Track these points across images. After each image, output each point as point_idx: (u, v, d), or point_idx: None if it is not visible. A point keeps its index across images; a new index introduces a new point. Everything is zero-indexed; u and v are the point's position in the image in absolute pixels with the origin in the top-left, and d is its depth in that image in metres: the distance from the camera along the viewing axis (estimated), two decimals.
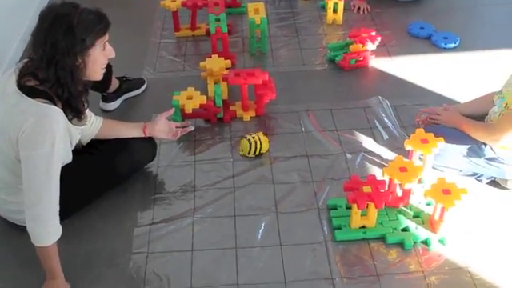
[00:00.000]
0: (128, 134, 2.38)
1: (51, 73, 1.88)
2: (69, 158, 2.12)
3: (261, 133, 2.63)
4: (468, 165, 2.39)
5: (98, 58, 2.00)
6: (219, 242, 2.21)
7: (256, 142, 2.56)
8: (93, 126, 2.28)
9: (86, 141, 2.28)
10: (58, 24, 1.85)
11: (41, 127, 1.87)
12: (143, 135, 2.40)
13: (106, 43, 2.01)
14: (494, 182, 2.42)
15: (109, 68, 2.66)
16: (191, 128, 2.58)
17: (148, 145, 2.45)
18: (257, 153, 2.58)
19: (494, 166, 2.35)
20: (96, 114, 2.36)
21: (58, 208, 1.93)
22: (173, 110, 2.55)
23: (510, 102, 2.23)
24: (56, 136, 1.89)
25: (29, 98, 1.89)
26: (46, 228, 1.91)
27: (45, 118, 1.88)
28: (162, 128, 2.46)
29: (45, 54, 1.86)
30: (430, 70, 3.17)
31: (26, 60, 1.99)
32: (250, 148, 2.56)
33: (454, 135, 2.40)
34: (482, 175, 2.42)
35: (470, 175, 2.44)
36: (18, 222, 2.14)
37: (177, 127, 2.51)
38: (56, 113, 1.92)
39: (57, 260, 1.96)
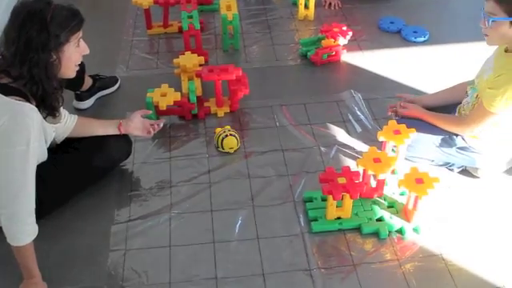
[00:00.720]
0: (103, 132, 2.37)
1: (25, 70, 1.86)
2: (44, 157, 2.11)
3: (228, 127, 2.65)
4: (440, 155, 2.43)
5: (73, 55, 1.99)
6: (197, 237, 2.21)
7: (228, 136, 2.59)
8: (67, 124, 2.27)
9: (60, 139, 2.27)
10: (31, 20, 1.84)
11: (15, 125, 1.86)
12: (118, 132, 2.39)
13: (80, 40, 2.01)
14: (465, 171, 2.47)
15: (82, 66, 2.64)
16: (163, 122, 2.56)
17: (123, 142, 2.45)
18: (225, 149, 2.61)
19: (466, 155, 2.40)
20: (69, 113, 2.35)
21: (34, 206, 1.92)
22: (150, 112, 2.54)
23: (481, 94, 2.28)
24: (31, 134, 1.88)
25: (2, 96, 1.87)
26: (23, 227, 1.89)
27: (19, 115, 1.87)
28: (138, 125, 2.46)
29: (18, 51, 1.85)
30: (400, 63, 3.22)
31: None
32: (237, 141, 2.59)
33: (427, 125, 2.44)
34: (453, 164, 2.47)
35: (441, 165, 2.48)
36: None
37: (151, 124, 2.51)
38: (30, 110, 1.90)
39: (33, 259, 1.95)
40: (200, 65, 2.89)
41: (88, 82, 2.87)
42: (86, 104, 2.89)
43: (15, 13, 1.87)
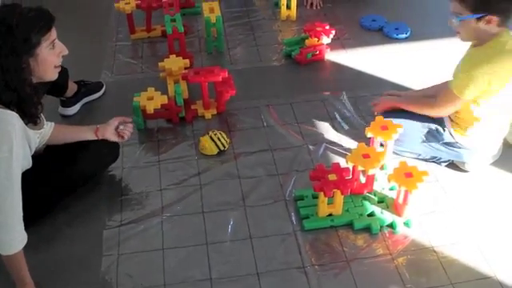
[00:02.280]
0: (80, 138, 2.35)
1: None
2: (28, 164, 2.09)
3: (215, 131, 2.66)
4: (427, 149, 2.46)
5: (48, 57, 1.97)
6: (189, 239, 2.21)
7: (219, 139, 2.59)
8: (44, 131, 2.24)
9: (39, 147, 2.23)
10: None
11: None
12: (95, 138, 2.37)
13: (56, 41, 1.98)
14: (452, 165, 2.50)
15: (65, 72, 2.63)
16: (129, 120, 2.50)
17: (111, 145, 2.43)
18: (222, 148, 2.60)
19: (452, 150, 2.43)
20: (55, 120, 2.33)
21: (21, 214, 1.90)
22: (129, 119, 2.50)
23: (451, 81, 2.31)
24: (13, 140, 1.86)
25: None
26: (11, 235, 1.87)
27: (0, 123, 1.85)
28: (114, 131, 2.43)
29: None
30: (383, 60, 3.25)
31: None
32: (216, 144, 2.58)
33: (414, 119, 2.47)
34: (440, 158, 2.49)
35: (428, 159, 2.51)
36: None
37: (120, 129, 2.45)
38: (12, 117, 1.88)
39: (25, 267, 1.93)
40: (185, 68, 2.89)
41: (73, 88, 2.86)
42: (72, 110, 2.88)
43: None
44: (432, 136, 2.44)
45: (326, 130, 2.74)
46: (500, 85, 2.19)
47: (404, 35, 3.43)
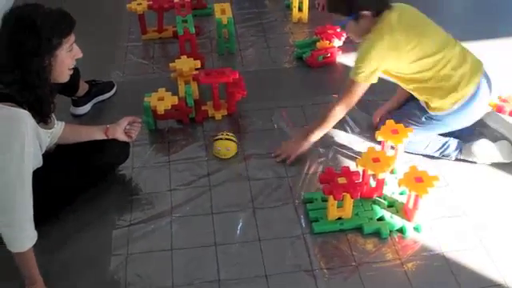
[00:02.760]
0: (90, 137, 2.37)
1: (18, 75, 1.86)
2: (39, 163, 2.10)
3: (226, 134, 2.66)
4: (421, 131, 2.48)
5: (65, 59, 1.98)
6: (198, 240, 2.21)
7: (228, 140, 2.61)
8: (55, 130, 2.26)
9: (49, 146, 2.24)
10: (21, 25, 1.84)
11: (9, 130, 1.84)
12: (105, 137, 2.38)
13: (73, 44, 2.00)
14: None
15: (76, 71, 2.64)
16: (138, 120, 2.52)
17: (120, 144, 2.44)
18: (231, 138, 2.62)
19: (435, 122, 2.46)
20: (66, 119, 2.34)
21: (32, 212, 1.91)
22: (139, 120, 2.51)
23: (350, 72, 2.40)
24: (25, 139, 1.87)
25: None
26: (22, 233, 1.88)
27: (12, 121, 1.86)
28: (124, 131, 2.45)
29: (11, 57, 1.84)
30: None
31: None
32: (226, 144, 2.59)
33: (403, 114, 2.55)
34: (447, 147, 2.49)
35: (436, 150, 2.51)
36: None
37: (128, 129, 2.46)
38: (24, 116, 1.89)
39: (34, 265, 1.94)
40: (196, 68, 2.89)
41: (84, 88, 2.87)
42: (83, 110, 2.89)
43: (5, 20, 1.86)
44: (415, 115, 2.49)
45: (337, 132, 2.73)
46: (396, 51, 2.30)
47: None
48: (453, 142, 2.51)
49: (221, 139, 2.60)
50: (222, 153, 2.59)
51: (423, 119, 2.48)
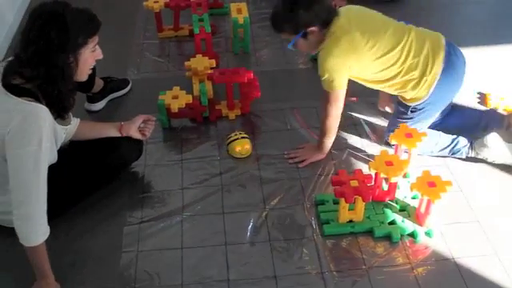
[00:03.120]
0: (104, 134, 2.38)
1: (42, 70, 1.87)
2: (54, 158, 2.12)
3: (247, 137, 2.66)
4: (413, 125, 2.46)
5: (88, 59, 2.01)
6: (209, 239, 2.22)
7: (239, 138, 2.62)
8: (71, 126, 2.27)
9: (64, 142, 2.26)
10: (51, 21, 1.85)
11: (28, 125, 1.86)
12: (119, 135, 2.39)
13: (97, 45, 2.03)
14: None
15: (92, 68, 2.65)
16: (153, 118, 2.52)
17: (134, 142, 2.45)
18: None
19: (420, 113, 2.46)
20: (81, 115, 2.36)
21: (45, 207, 1.92)
22: (153, 118, 2.52)
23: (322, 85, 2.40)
24: (43, 134, 1.89)
25: (14, 97, 1.88)
26: (35, 227, 1.90)
27: (31, 115, 1.88)
28: (138, 128, 2.46)
29: (38, 52, 1.85)
30: None
31: (10, 59, 1.98)
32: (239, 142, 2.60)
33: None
34: (457, 143, 2.49)
35: (446, 147, 2.50)
36: (6, 223, 2.12)
37: (142, 128, 2.47)
38: (42, 111, 1.91)
39: (46, 259, 1.95)
40: (211, 68, 2.90)
41: (99, 84, 2.89)
42: (98, 106, 2.90)
43: (35, 14, 1.88)
44: (402, 113, 2.51)
45: (350, 135, 2.72)
46: (358, 54, 2.31)
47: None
48: (462, 139, 2.51)
49: (237, 139, 2.60)
50: (244, 152, 2.59)
51: (409, 113, 2.48)
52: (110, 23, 3.58)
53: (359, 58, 2.32)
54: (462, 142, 2.51)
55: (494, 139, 2.44)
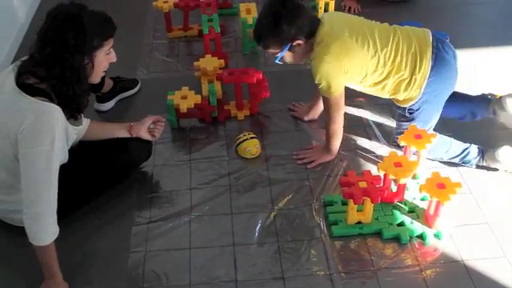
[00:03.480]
0: (114, 135, 2.39)
1: (57, 71, 1.89)
2: (65, 158, 2.13)
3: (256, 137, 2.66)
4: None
5: (102, 61, 2.03)
6: (217, 240, 2.22)
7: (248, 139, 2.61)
8: (82, 126, 2.28)
9: (74, 142, 2.26)
10: (69, 23, 1.88)
11: (41, 125, 1.88)
12: (129, 135, 2.40)
13: (111, 48, 2.05)
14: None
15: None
16: (162, 119, 2.53)
17: (143, 143, 2.46)
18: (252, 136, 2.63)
19: (422, 109, 2.43)
20: (90, 115, 2.36)
21: (56, 207, 1.94)
22: (163, 119, 2.53)
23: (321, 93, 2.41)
24: (56, 134, 1.90)
25: (28, 96, 1.90)
26: (45, 227, 1.91)
27: (45, 115, 1.89)
28: (147, 129, 2.46)
29: (54, 52, 1.87)
30: None
31: (24, 58, 2.00)
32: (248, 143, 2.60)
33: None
34: (468, 153, 2.46)
35: (456, 156, 2.48)
36: (16, 222, 2.13)
37: (152, 128, 2.48)
38: (56, 110, 1.93)
39: (55, 259, 1.96)
40: (220, 68, 2.90)
41: (109, 84, 2.89)
42: (107, 106, 2.91)
43: (52, 15, 1.90)
44: (401, 115, 2.51)
45: (359, 136, 2.71)
46: (351, 57, 2.31)
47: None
48: (473, 149, 2.47)
49: (246, 139, 2.60)
50: (253, 151, 2.59)
51: (408, 115, 2.47)
52: (120, 23, 3.54)
53: (352, 60, 2.31)
54: (473, 152, 2.47)
55: (505, 153, 2.41)
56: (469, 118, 2.61)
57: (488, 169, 2.48)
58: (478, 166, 2.49)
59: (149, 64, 3.30)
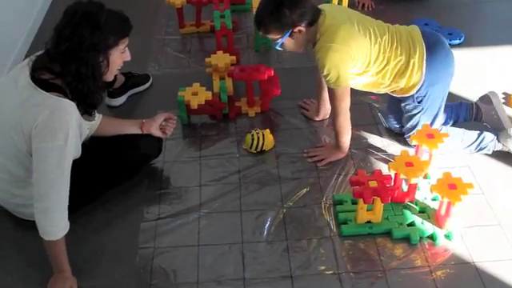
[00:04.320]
0: (125, 131, 2.39)
1: (73, 67, 1.90)
2: (78, 153, 2.13)
3: (267, 130, 2.62)
4: (427, 114, 2.47)
5: (117, 60, 2.04)
6: (225, 237, 2.21)
7: (259, 139, 2.57)
8: (95, 122, 2.29)
9: (87, 138, 2.27)
10: (86, 20, 1.89)
11: (55, 120, 1.89)
12: (140, 132, 2.41)
13: (126, 47, 2.06)
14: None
15: None
16: (174, 117, 2.53)
17: (154, 139, 2.46)
18: (258, 149, 2.58)
19: (429, 93, 2.42)
20: (101, 110, 2.36)
21: (67, 202, 1.95)
22: (174, 117, 2.52)
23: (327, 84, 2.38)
24: (69, 129, 1.91)
25: (43, 91, 1.91)
26: (55, 221, 1.92)
27: (59, 111, 1.90)
28: (159, 126, 2.47)
29: (70, 49, 1.88)
30: None
31: (39, 53, 2.01)
32: (252, 143, 2.57)
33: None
34: (483, 138, 2.47)
35: (473, 143, 2.49)
36: (26, 216, 2.14)
37: (163, 125, 2.48)
38: (70, 106, 1.94)
39: (64, 254, 1.98)
40: (232, 64, 2.89)
41: (120, 80, 2.90)
42: (119, 101, 2.92)
43: (70, 12, 1.91)
44: (407, 108, 2.49)
45: (371, 134, 2.69)
46: (359, 49, 2.30)
47: (457, 41, 3.34)
48: (488, 133, 2.49)
49: (257, 133, 2.59)
50: (268, 143, 2.58)
51: (416, 103, 2.45)
52: (132, 18, 3.56)
53: (358, 45, 2.30)
54: (489, 136, 2.48)
55: None
56: (453, 122, 2.63)
57: (500, 169, 2.46)
58: (489, 160, 2.48)
59: (160, 60, 3.30)
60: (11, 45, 3.24)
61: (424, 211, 2.26)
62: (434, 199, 2.29)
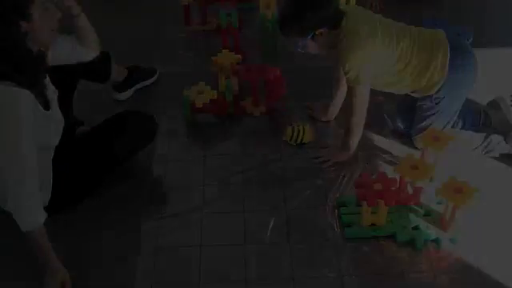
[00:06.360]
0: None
1: None
2: (52, 141, 2.06)
3: (307, 124, 2.64)
4: (445, 116, 2.47)
5: (42, 20, 1.88)
6: (228, 238, 2.20)
7: (299, 132, 2.58)
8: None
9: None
10: None
11: (3, 111, 1.82)
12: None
13: (47, 3, 1.91)
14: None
15: (106, 57, 2.64)
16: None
17: (148, 123, 2.40)
18: (298, 141, 2.59)
19: (448, 95, 2.41)
20: (109, 105, 2.32)
21: (36, 188, 1.87)
22: None
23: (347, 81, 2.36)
24: (20, 121, 1.83)
25: None
26: (26, 210, 1.85)
27: (5, 101, 1.82)
28: None
29: None
30: None
31: None
32: (292, 135, 2.58)
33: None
34: (490, 141, 2.46)
35: (479, 146, 2.48)
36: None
37: None
38: (20, 95, 1.83)
39: (48, 246, 1.91)
40: (237, 63, 2.87)
41: (123, 73, 2.87)
42: (124, 95, 2.90)
43: None
44: (430, 106, 2.46)
45: (377, 136, 2.67)
46: (379, 51, 2.30)
47: (466, 41, 3.30)
48: (494, 136, 2.48)
49: (298, 126, 2.60)
50: (307, 136, 2.60)
51: (434, 104, 2.43)
52: (138, 16, 3.60)
53: (380, 46, 2.29)
54: (496, 139, 2.46)
55: None
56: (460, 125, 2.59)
57: (507, 174, 2.43)
58: (495, 165, 2.47)
59: (166, 57, 3.28)
60: None
61: (429, 214, 2.23)
62: (439, 202, 2.26)
